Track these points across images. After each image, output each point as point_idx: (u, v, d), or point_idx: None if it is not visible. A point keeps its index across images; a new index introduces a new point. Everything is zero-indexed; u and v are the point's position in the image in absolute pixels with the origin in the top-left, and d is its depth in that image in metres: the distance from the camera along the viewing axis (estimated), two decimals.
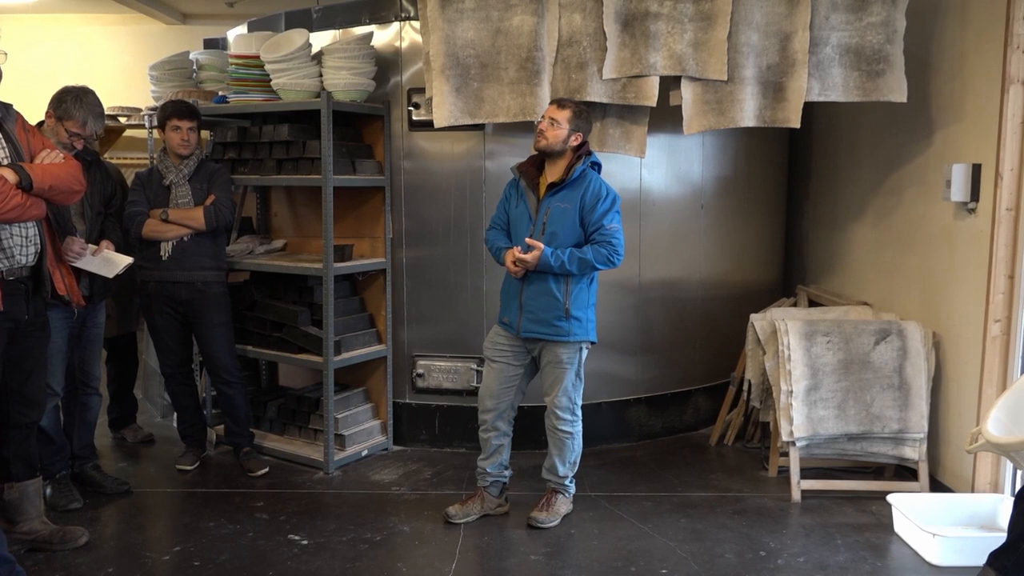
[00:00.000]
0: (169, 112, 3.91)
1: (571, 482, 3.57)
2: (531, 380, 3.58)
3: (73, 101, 3.37)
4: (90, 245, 3.50)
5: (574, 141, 3.35)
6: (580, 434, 3.51)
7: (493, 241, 3.50)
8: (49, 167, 2.95)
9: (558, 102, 3.39)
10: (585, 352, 3.46)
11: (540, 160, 3.43)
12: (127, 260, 3.57)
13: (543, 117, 3.37)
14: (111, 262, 3.53)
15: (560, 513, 3.53)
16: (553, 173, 3.39)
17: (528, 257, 3.28)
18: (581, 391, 3.49)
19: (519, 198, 3.44)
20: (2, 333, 2.93)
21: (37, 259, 3.03)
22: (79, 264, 3.39)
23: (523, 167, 3.45)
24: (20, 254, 2.96)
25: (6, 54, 2.90)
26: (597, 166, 3.45)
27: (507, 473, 3.60)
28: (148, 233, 3.84)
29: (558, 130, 3.31)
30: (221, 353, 4.03)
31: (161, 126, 3.93)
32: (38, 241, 3.02)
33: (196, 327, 4.01)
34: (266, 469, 4.05)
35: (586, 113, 3.40)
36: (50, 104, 3.39)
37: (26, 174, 2.85)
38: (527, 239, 3.32)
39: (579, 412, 3.49)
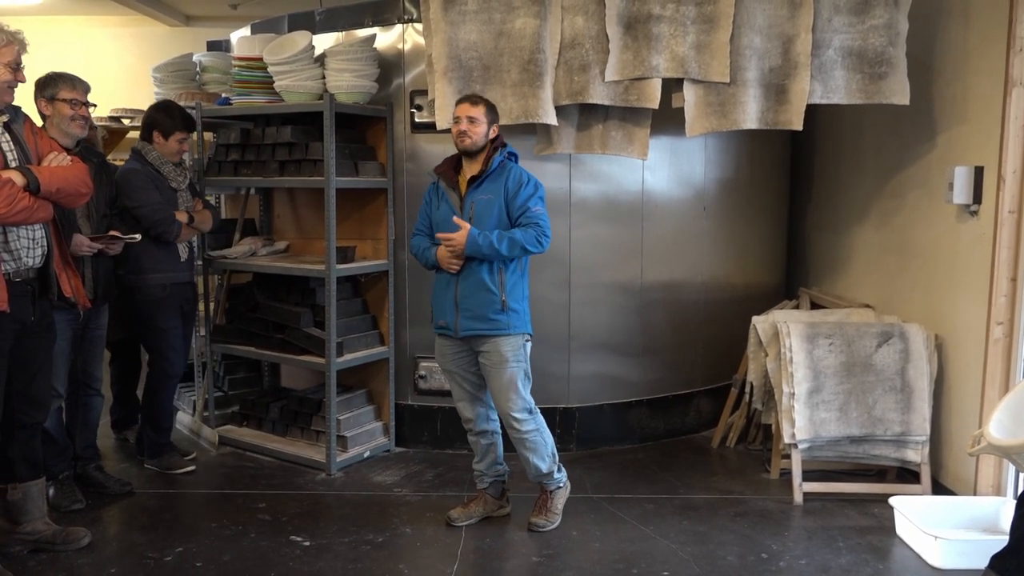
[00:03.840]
0: (180, 125, 3.93)
1: (559, 471, 3.53)
2: None
3: (51, 77, 3.41)
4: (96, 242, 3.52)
5: (492, 133, 3.35)
6: (544, 425, 3.44)
7: (417, 246, 3.45)
8: (57, 170, 2.96)
9: (470, 99, 3.35)
10: (528, 347, 3.40)
11: (456, 160, 3.42)
12: (135, 237, 3.63)
13: (458, 118, 3.32)
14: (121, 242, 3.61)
15: (559, 511, 3.52)
16: (472, 168, 3.37)
17: (455, 237, 3.21)
18: (530, 388, 3.40)
19: (440, 200, 3.42)
20: (8, 334, 2.94)
21: (44, 261, 3.04)
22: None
23: (440, 169, 3.44)
24: (27, 256, 2.97)
25: (26, 44, 2.96)
26: (514, 156, 3.44)
27: (503, 469, 3.59)
28: (179, 237, 3.94)
29: (478, 127, 3.30)
30: (186, 348, 4.19)
31: (163, 132, 3.90)
32: (45, 243, 3.03)
33: (185, 324, 4.12)
34: (193, 456, 4.19)
35: (493, 105, 3.40)
36: (36, 94, 3.38)
37: (34, 177, 2.87)
38: (454, 218, 3.27)
39: (535, 408, 3.42)
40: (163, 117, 3.93)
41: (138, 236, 3.65)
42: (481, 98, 3.38)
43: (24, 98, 3.13)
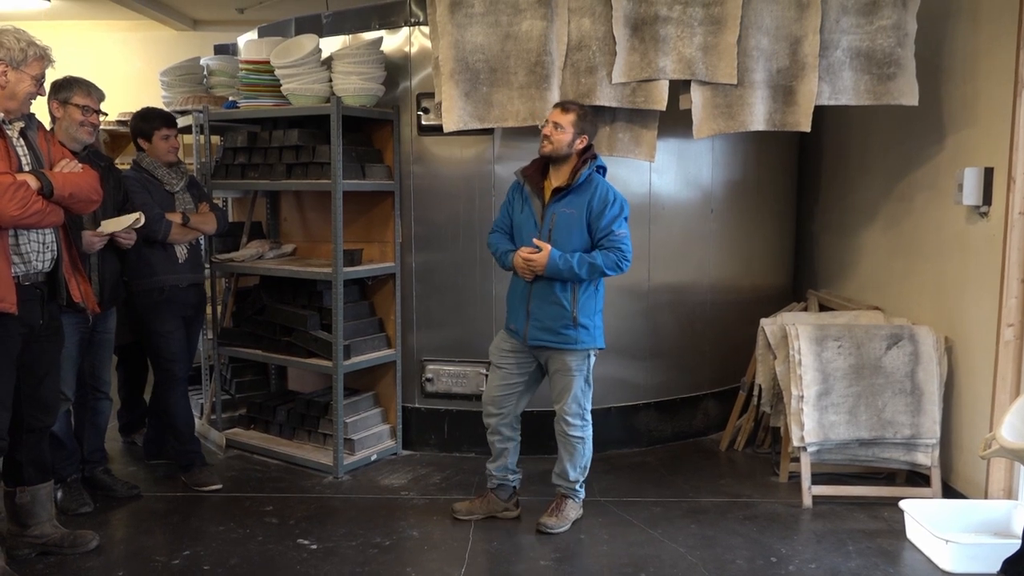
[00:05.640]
0: (158, 123, 3.90)
1: (581, 487, 3.56)
2: (538, 386, 3.57)
3: (68, 80, 3.43)
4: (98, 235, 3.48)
5: (579, 144, 3.33)
6: (590, 439, 3.50)
7: (496, 245, 3.48)
8: (69, 176, 2.98)
9: (562, 105, 3.36)
10: (593, 359, 3.44)
11: (543, 164, 3.40)
12: (135, 215, 3.50)
13: (547, 122, 3.34)
14: (120, 224, 3.48)
15: (570, 518, 3.52)
16: (558, 178, 3.37)
17: (535, 258, 3.27)
18: (590, 396, 3.48)
19: (523, 203, 3.42)
20: (16, 338, 2.95)
21: (53, 265, 3.05)
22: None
23: (527, 172, 3.43)
24: (37, 260, 2.98)
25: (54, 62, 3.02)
26: (603, 170, 3.42)
27: (513, 477, 3.59)
28: (172, 237, 3.86)
29: (562, 134, 3.29)
30: (191, 352, 4.11)
31: (145, 136, 3.90)
32: (55, 247, 3.04)
33: (188, 328, 4.03)
34: (219, 485, 3.93)
35: (590, 115, 3.38)
36: (49, 96, 3.40)
37: (48, 181, 2.89)
38: (535, 239, 3.31)
39: (589, 417, 3.48)
40: (140, 123, 3.92)
41: (138, 214, 3.50)
42: (574, 107, 3.34)
43: (38, 102, 3.15)
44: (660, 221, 4.45)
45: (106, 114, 3.57)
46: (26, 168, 2.92)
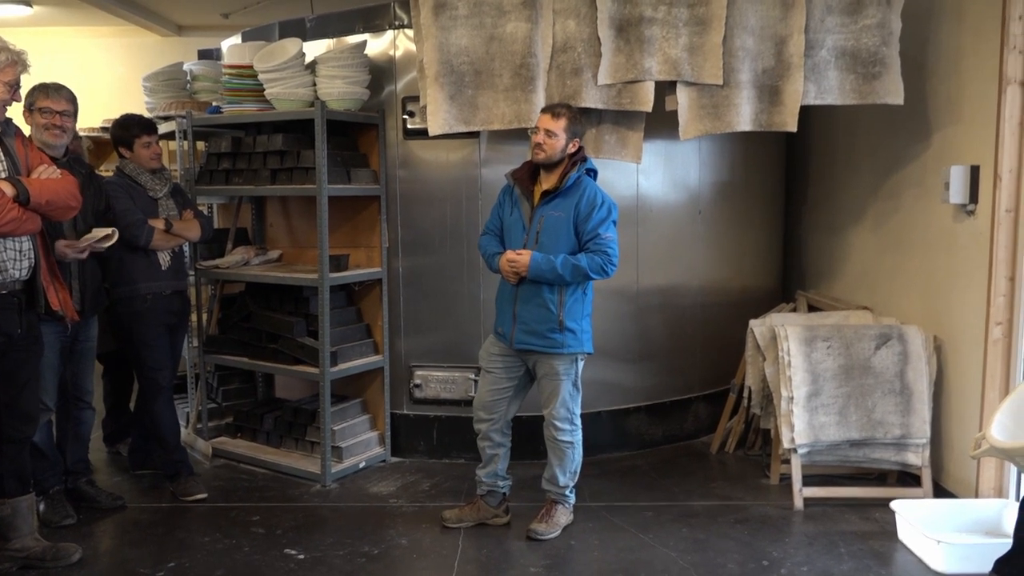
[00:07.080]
0: (136, 131, 3.84)
1: (571, 492, 3.53)
2: (528, 391, 3.55)
3: (33, 88, 3.37)
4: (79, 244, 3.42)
5: (572, 148, 3.31)
6: (580, 443, 3.48)
7: (486, 247, 3.46)
8: (47, 182, 2.94)
9: (551, 112, 3.30)
10: (581, 363, 3.42)
11: (534, 166, 3.39)
12: (107, 230, 3.44)
13: (537, 129, 3.30)
14: (91, 236, 3.41)
15: (560, 524, 3.49)
16: (548, 181, 3.35)
17: (518, 259, 3.25)
18: (579, 400, 3.46)
19: (513, 205, 3.41)
20: None
21: (31, 273, 3.01)
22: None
23: (517, 174, 3.41)
24: (13, 268, 2.94)
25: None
26: (593, 172, 3.40)
27: (502, 484, 3.57)
28: (155, 244, 3.81)
29: (556, 141, 3.26)
30: (176, 360, 4.05)
31: (126, 144, 3.84)
32: (32, 255, 3.00)
33: (172, 336, 3.99)
34: (205, 495, 3.88)
35: (579, 116, 3.36)
36: (23, 106, 3.36)
37: (24, 188, 2.85)
38: (516, 251, 3.31)
39: (578, 422, 3.46)
40: (120, 131, 3.87)
41: (111, 230, 3.44)
42: (565, 110, 3.29)
43: (13, 110, 3.10)
44: (648, 223, 4.44)
45: (74, 113, 3.49)
46: (2, 175, 2.88)
